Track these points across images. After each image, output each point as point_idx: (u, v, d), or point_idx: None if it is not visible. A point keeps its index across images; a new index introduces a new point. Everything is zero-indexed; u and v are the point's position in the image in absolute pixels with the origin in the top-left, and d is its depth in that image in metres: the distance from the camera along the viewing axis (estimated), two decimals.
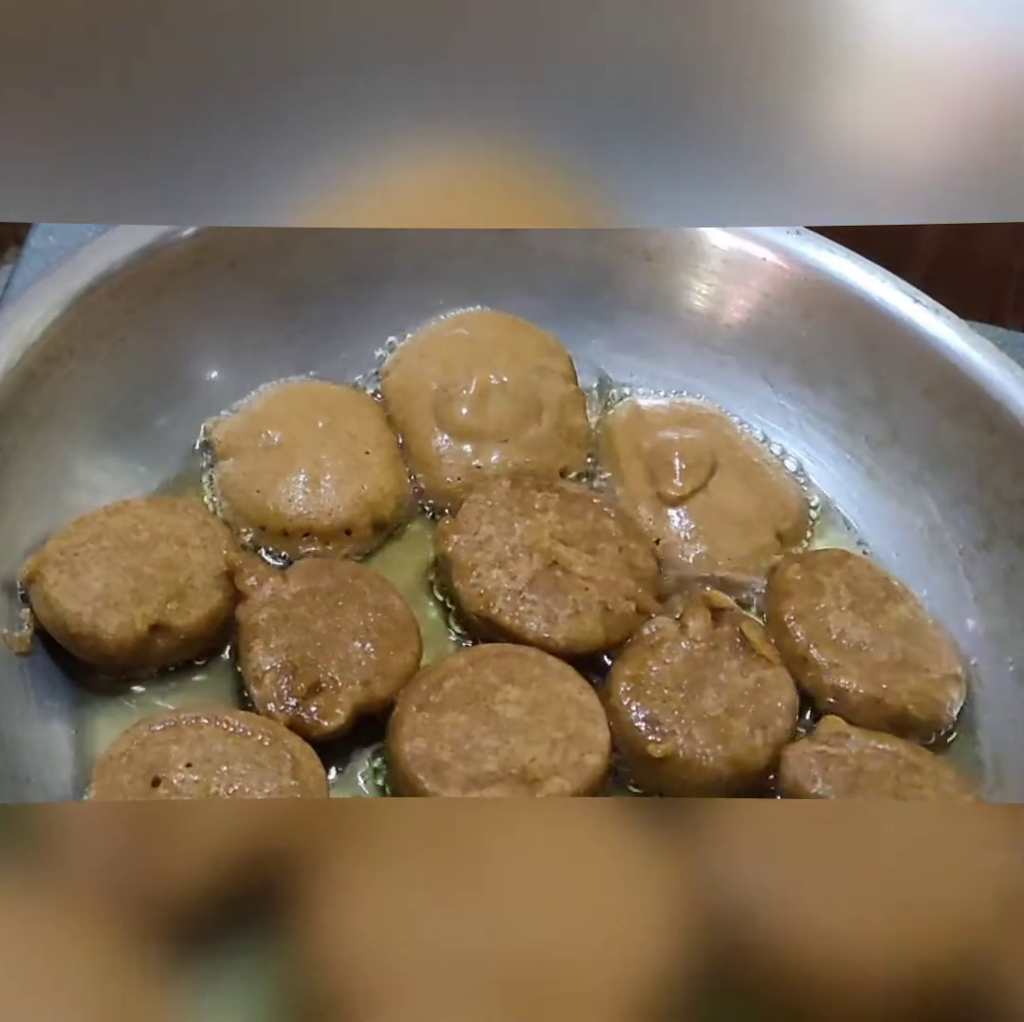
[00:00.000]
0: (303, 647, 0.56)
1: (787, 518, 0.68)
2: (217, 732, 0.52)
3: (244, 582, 0.58)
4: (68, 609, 0.54)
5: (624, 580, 0.61)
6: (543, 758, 0.53)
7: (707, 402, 0.73)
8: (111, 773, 0.50)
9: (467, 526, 0.62)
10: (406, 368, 0.70)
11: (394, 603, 0.59)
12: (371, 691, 0.55)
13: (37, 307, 0.58)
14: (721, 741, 0.56)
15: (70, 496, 0.60)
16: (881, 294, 0.70)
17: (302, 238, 0.66)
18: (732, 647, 0.60)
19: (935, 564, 0.68)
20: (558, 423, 0.68)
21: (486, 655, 0.57)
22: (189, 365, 0.66)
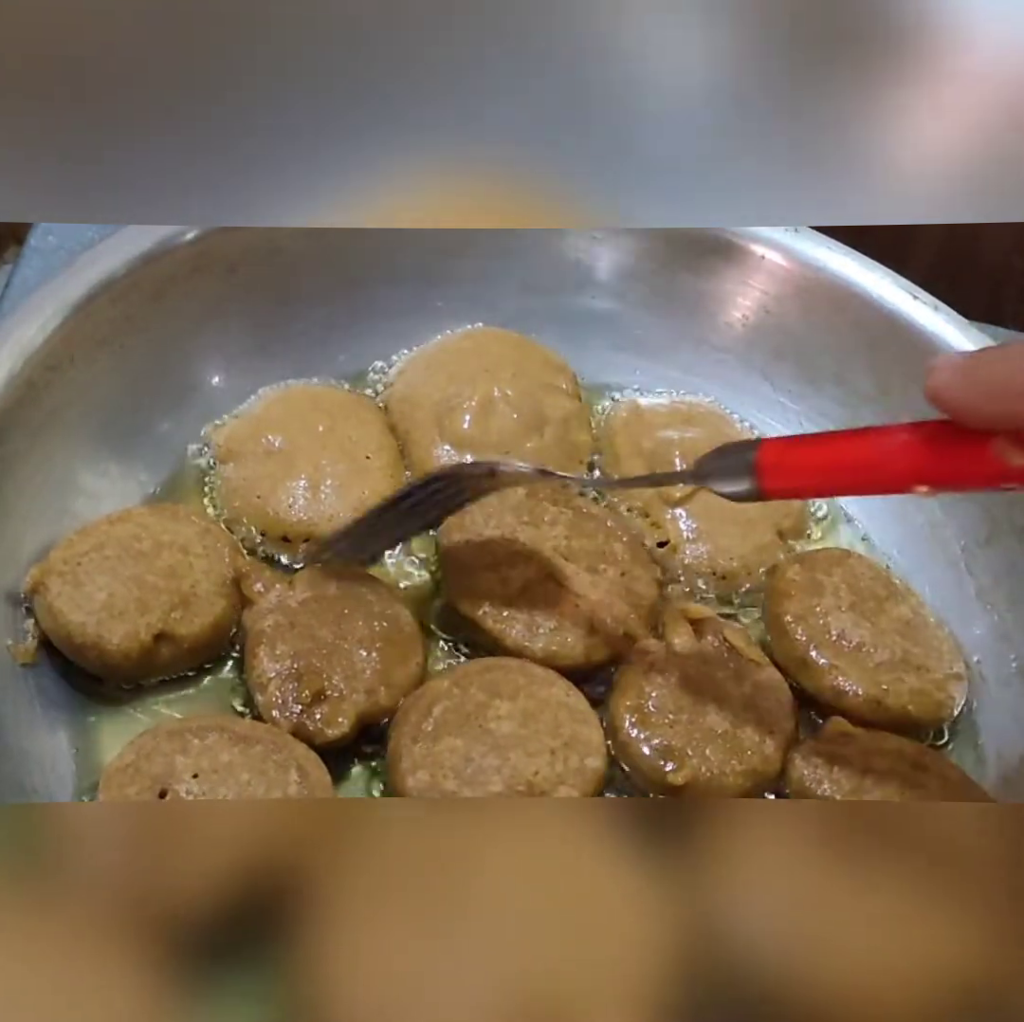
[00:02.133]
0: (308, 654, 0.55)
1: (788, 516, 0.68)
2: (222, 741, 0.51)
3: (251, 588, 0.58)
4: (72, 620, 0.54)
5: (619, 604, 0.60)
6: (546, 769, 0.53)
7: (707, 400, 0.73)
8: (117, 785, 0.49)
9: (472, 526, 0.62)
10: (411, 378, 0.70)
11: (400, 612, 0.59)
12: (375, 700, 0.55)
13: (37, 315, 0.58)
14: (735, 755, 0.56)
15: (72, 503, 0.60)
16: (880, 291, 0.69)
17: (301, 242, 0.66)
18: (720, 657, 0.59)
19: (936, 561, 0.68)
20: (561, 438, 0.68)
21: (468, 673, 0.57)
22: (189, 370, 0.66)
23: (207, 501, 0.64)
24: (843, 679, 0.60)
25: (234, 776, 0.50)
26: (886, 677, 0.60)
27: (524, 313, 0.72)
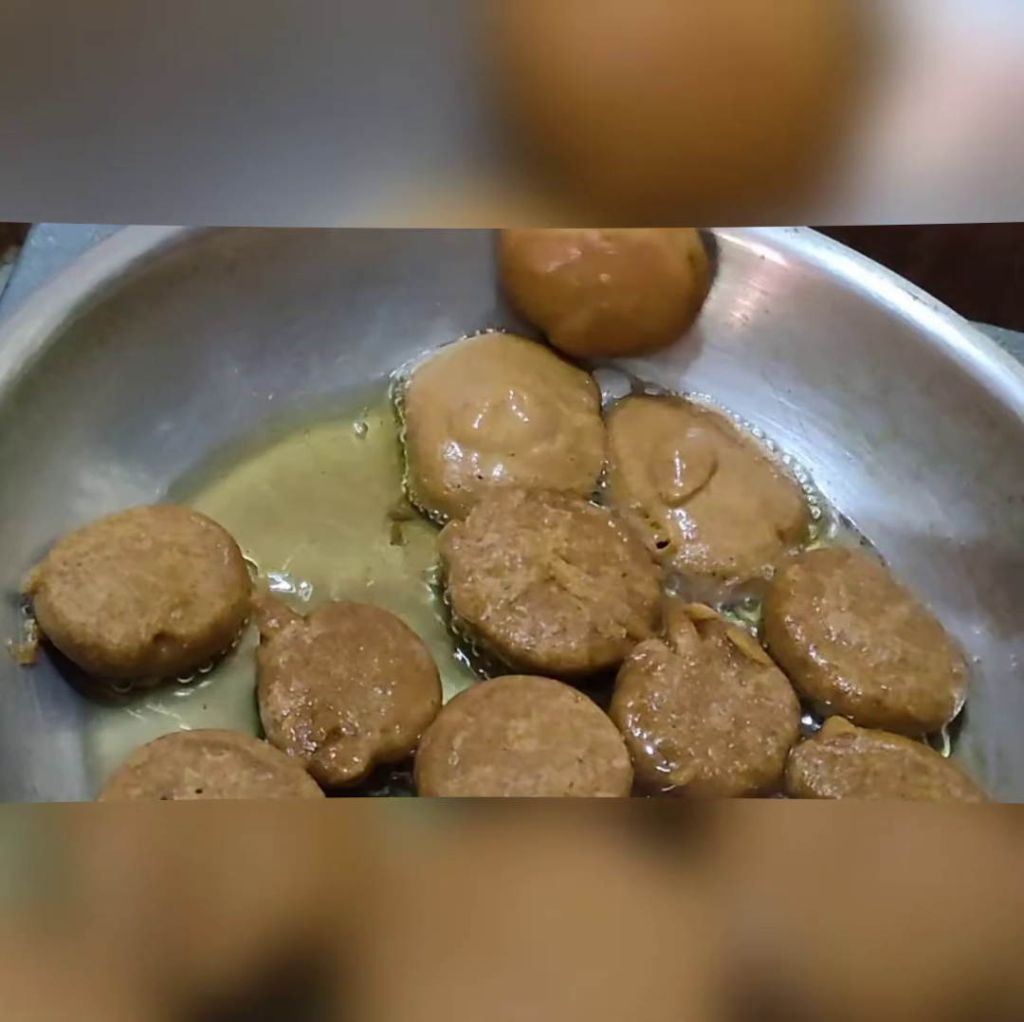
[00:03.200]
0: (323, 691, 0.55)
1: (788, 516, 0.68)
2: (235, 762, 0.51)
3: (266, 624, 0.57)
4: (72, 620, 0.54)
5: (620, 605, 0.60)
6: (579, 779, 0.53)
7: (706, 401, 0.73)
8: (122, 785, 0.49)
9: (472, 531, 0.62)
10: (432, 372, 0.70)
11: (416, 649, 0.58)
12: (390, 739, 0.54)
13: (37, 316, 0.58)
14: (737, 756, 0.56)
15: (73, 504, 0.60)
16: (880, 291, 0.69)
17: (301, 242, 0.66)
18: (724, 657, 0.59)
19: (936, 561, 0.68)
20: (572, 447, 0.68)
21: (476, 699, 0.56)
22: (190, 371, 0.65)
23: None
24: (843, 679, 0.60)
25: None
26: (886, 677, 0.60)
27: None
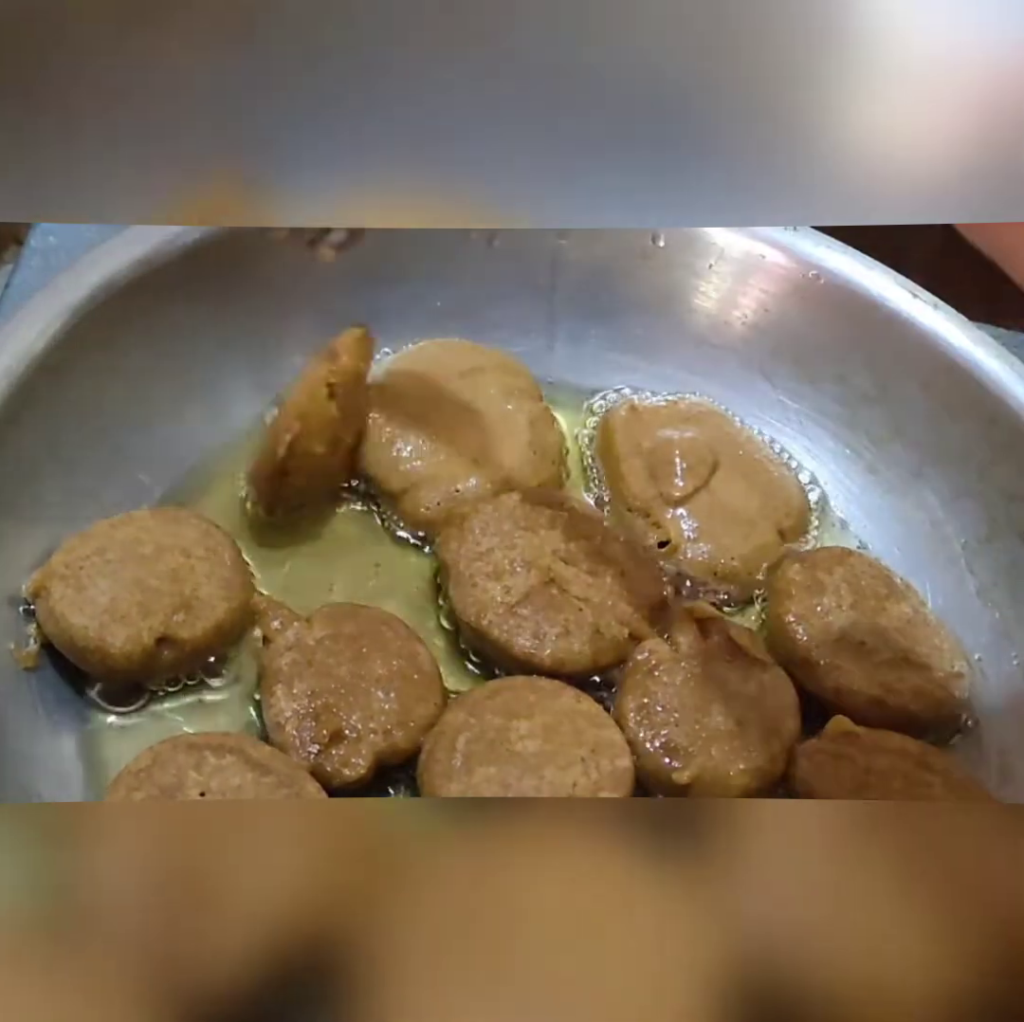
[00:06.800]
0: (326, 693, 0.55)
1: (789, 515, 0.68)
2: (238, 765, 0.51)
3: (268, 626, 0.57)
4: (75, 623, 0.54)
5: (621, 605, 0.60)
6: (582, 779, 0.53)
7: (706, 400, 0.73)
8: (125, 788, 0.49)
9: (470, 536, 0.62)
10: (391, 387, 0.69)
11: (418, 651, 0.58)
12: (393, 741, 0.54)
13: (37, 319, 0.58)
14: (741, 755, 0.56)
15: (74, 507, 0.59)
16: (880, 290, 0.70)
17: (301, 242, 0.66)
18: (726, 656, 0.59)
19: (937, 559, 0.68)
20: (531, 441, 0.67)
21: (478, 700, 0.56)
22: (189, 372, 0.65)
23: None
24: (845, 678, 0.60)
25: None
26: (888, 676, 0.60)
27: (524, 313, 0.72)
